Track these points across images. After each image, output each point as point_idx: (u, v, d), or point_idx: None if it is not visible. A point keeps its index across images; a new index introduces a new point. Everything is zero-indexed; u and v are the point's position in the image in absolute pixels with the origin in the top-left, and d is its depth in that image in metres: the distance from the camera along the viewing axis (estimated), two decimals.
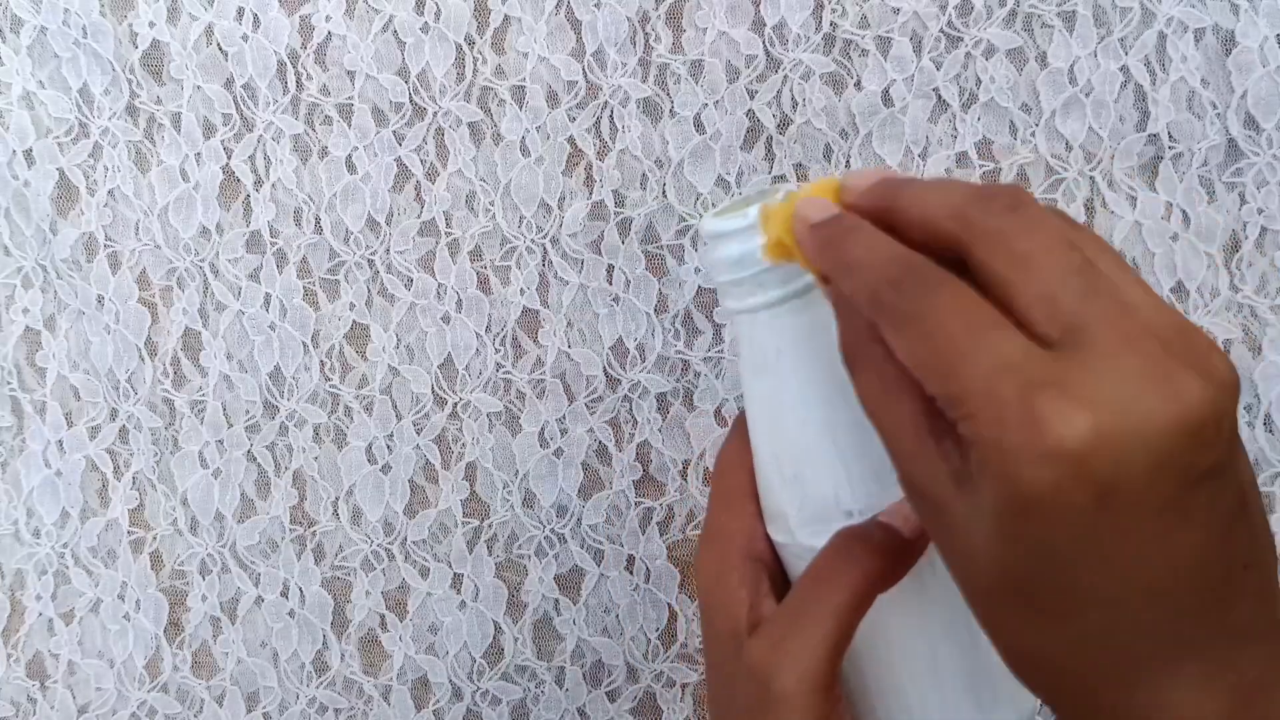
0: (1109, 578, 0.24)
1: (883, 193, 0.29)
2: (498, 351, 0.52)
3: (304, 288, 0.53)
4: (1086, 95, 0.49)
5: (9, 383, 0.54)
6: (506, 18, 0.51)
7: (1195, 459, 0.23)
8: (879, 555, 0.32)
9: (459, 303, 0.52)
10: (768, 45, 0.50)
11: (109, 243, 0.53)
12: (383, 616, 0.53)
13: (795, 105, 0.50)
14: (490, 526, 0.52)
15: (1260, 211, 0.49)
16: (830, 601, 0.31)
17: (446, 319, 0.52)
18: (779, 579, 0.35)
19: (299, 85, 0.52)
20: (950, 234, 0.26)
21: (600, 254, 0.51)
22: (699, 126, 0.50)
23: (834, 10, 0.49)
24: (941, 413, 0.26)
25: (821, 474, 0.33)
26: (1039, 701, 0.34)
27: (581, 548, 0.52)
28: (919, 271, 0.26)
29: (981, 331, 0.24)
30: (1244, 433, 0.50)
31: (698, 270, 0.51)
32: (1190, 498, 0.24)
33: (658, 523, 0.52)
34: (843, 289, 0.28)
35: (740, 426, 0.36)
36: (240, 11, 0.52)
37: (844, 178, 0.30)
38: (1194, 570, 0.24)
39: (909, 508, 0.31)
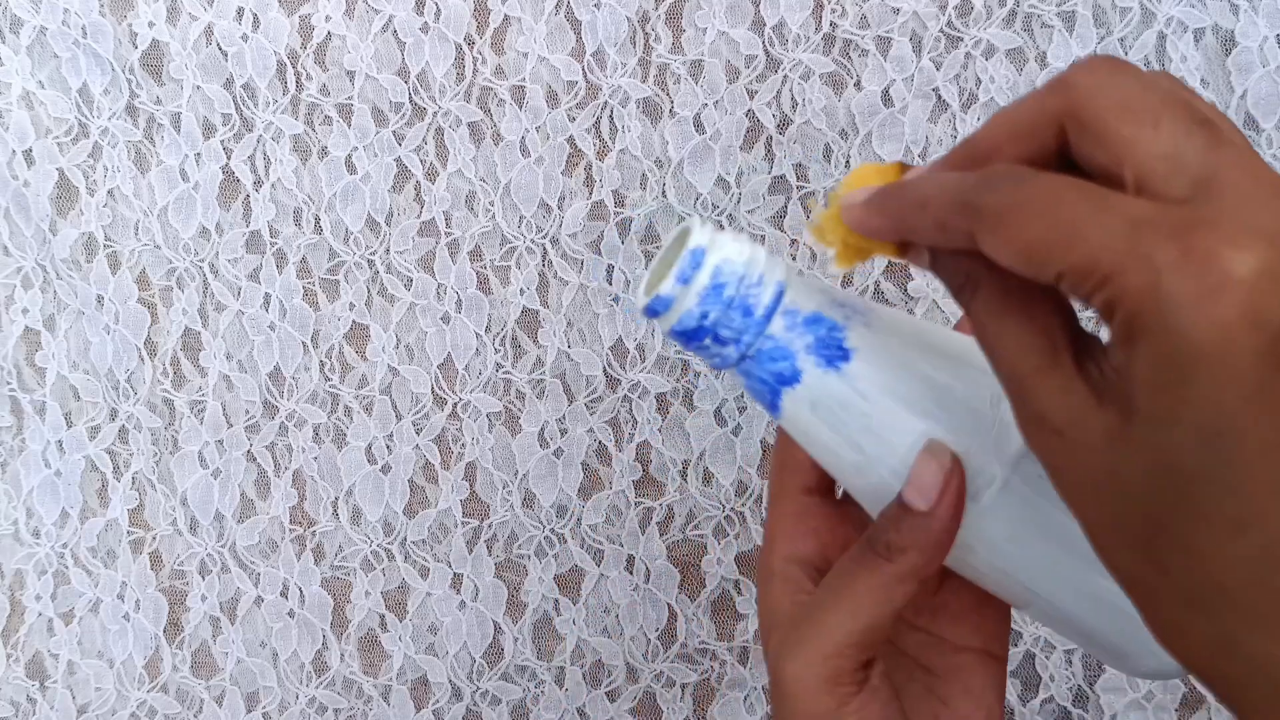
0: None
1: (955, 150, 0.26)
2: (497, 351, 0.52)
3: (304, 288, 0.53)
4: None
5: (9, 383, 0.54)
6: (506, 18, 0.51)
7: None
8: (898, 575, 0.30)
9: (459, 303, 0.52)
10: (767, 45, 0.50)
11: (109, 243, 0.53)
12: (382, 616, 0.53)
13: (795, 105, 0.50)
14: (490, 526, 0.52)
15: None
16: (849, 613, 0.30)
17: (446, 319, 0.52)
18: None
19: (299, 85, 0.52)
20: (1055, 109, 0.24)
21: (600, 254, 0.51)
22: (699, 126, 0.50)
23: (834, 10, 0.49)
24: (1075, 330, 0.24)
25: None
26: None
27: (581, 548, 0.52)
28: (1008, 168, 0.24)
29: (1100, 198, 0.22)
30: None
31: None
32: None
33: (658, 523, 0.52)
34: (922, 230, 0.25)
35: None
36: (240, 11, 0.52)
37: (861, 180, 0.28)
38: None
39: (929, 469, 0.29)
